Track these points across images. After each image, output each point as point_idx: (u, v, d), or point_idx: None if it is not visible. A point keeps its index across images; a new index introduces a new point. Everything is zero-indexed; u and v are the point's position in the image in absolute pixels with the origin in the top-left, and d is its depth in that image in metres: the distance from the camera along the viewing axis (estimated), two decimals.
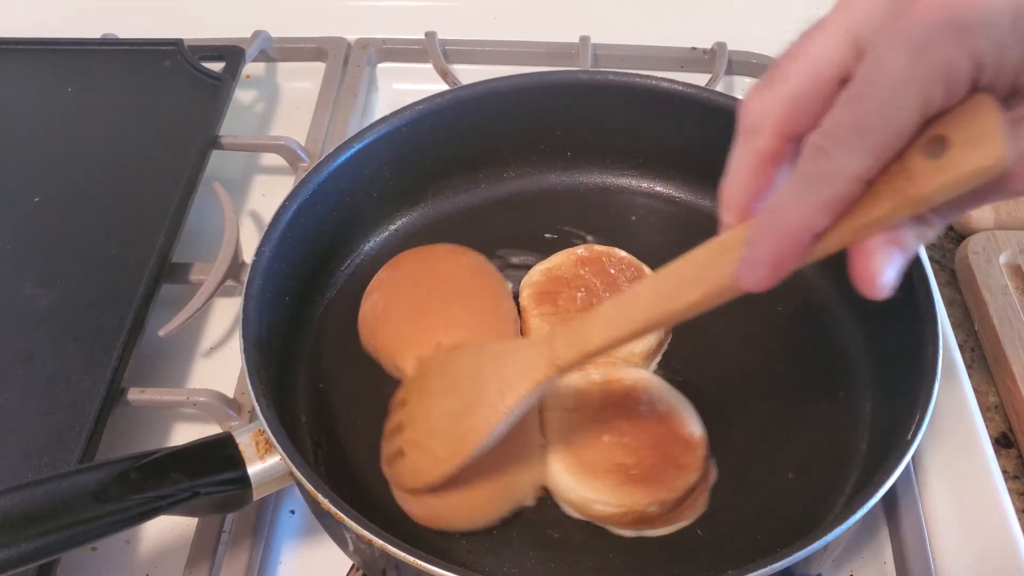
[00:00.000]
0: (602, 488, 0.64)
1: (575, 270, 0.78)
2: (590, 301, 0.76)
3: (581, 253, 0.80)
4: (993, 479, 0.71)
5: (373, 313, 0.76)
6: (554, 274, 0.78)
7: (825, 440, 0.70)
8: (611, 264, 0.79)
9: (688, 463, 0.66)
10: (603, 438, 0.67)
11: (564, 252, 0.80)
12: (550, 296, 0.76)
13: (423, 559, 0.54)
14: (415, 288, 0.76)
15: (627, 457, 0.66)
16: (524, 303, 0.77)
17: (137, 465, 0.57)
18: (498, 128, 0.87)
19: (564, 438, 0.67)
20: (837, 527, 0.55)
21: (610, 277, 0.78)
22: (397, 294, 0.76)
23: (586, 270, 0.78)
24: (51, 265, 0.80)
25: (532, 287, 0.78)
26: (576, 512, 0.66)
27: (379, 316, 0.76)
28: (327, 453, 0.71)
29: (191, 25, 1.07)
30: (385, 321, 0.75)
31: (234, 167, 0.99)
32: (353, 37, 1.10)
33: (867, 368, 0.73)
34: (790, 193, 0.46)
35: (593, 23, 1.09)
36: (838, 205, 0.44)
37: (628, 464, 0.65)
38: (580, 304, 0.75)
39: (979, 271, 0.85)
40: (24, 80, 1.00)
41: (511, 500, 0.66)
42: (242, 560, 0.66)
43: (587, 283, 0.77)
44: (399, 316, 0.75)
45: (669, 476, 0.65)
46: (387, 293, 0.77)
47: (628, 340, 0.57)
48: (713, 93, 0.84)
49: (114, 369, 0.72)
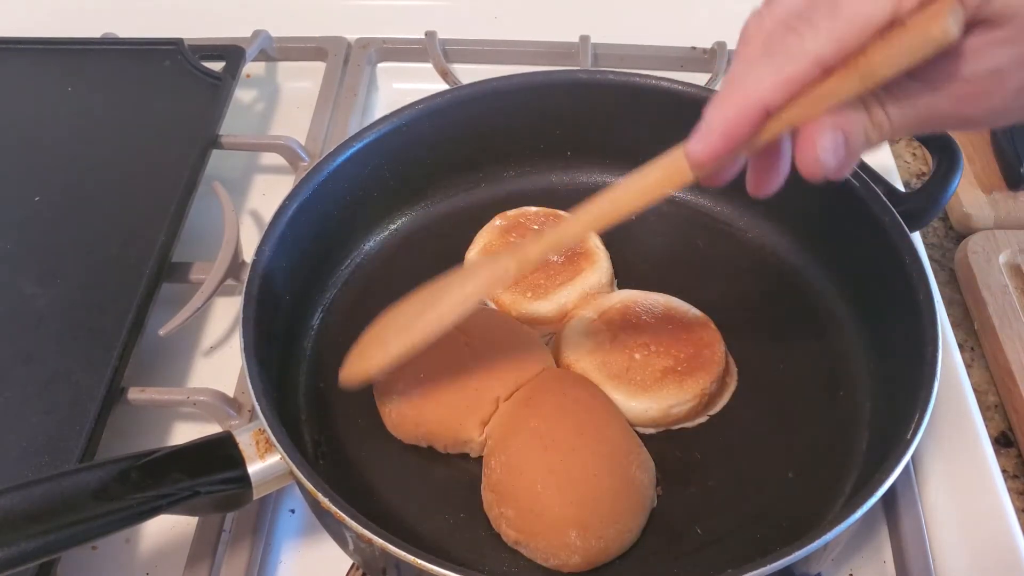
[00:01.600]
0: (668, 394, 0.70)
1: (505, 239, 0.80)
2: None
3: (500, 224, 0.82)
4: (993, 479, 0.72)
5: (410, 404, 0.69)
6: (490, 250, 0.80)
7: (825, 440, 0.70)
8: (530, 221, 0.82)
9: (711, 336, 0.73)
10: (635, 357, 0.71)
11: (484, 230, 0.82)
12: (508, 244, 0.78)
13: (423, 558, 0.54)
14: (439, 357, 0.69)
15: (666, 360, 0.71)
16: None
17: (137, 464, 0.57)
18: (498, 128, 0.87)
19: (607, 376, 0.71)
20: (837, 526, 0.55)
21: (537, 233, 0.79)
22: (421, 374, 0.69)
23: (514, 236, 0.80)
24: (51, 265, 0.80)
25: (482, 253, 0.80)
26: (657, 427, 0.71)
27: (418, 404, 0.69)
28: (327, 452, 0.71)
29: (191, 25, 1.07)
30: (427, 404, 0.69)
31: (234, 166, 0.99)
32: (353, 37, 1.11)
33: (867, 367, 0.74)
34: (751, 68, 0.48)
35: (593, 23, 1.09)
36: (795, 83, 0.47)
37: (671, 365, 0.71)
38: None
39: (979, 271, 0.85)
40: (24, 80, 1.00)
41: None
42: (242, 559, 0.66)
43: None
44: (441, 393, 0.69)
45: (706, 354, 0.72)
46: (409, 379, 0.70)
47: (601, 224, 0.60)
48: (713, 92, 0.84)
49: (114, 368, 0.72)
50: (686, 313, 0.75)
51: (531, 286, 0.78)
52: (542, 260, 0.67)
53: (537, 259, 0.63)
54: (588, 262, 0.79)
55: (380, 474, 0.69)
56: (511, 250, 0.64)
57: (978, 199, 0.92)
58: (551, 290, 0.78)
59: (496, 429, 0.67)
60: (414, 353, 0.64)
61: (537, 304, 0.77)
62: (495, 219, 0.83)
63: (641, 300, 0.76)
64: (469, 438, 0.68)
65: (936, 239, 0.93)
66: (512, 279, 0.64)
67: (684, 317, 0.75)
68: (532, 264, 0.63)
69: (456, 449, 0.70)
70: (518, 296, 0.77)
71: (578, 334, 0.74)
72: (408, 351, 0.64)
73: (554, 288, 0.78)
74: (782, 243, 0.84)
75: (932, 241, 0.93)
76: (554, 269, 0.78)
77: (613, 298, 0.77)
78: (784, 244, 0.84)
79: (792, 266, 0.82)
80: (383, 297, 0.81)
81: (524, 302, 0.77)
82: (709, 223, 0.87)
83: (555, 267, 0.78)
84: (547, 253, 0.63)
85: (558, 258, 0.79)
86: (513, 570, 0.64)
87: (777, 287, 0.81)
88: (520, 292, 0.78)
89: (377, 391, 0.72)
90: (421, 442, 0.70)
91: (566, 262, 0.79)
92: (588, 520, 0.62)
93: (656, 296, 0.77)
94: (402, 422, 0.70)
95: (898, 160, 1.00)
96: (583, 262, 0.79)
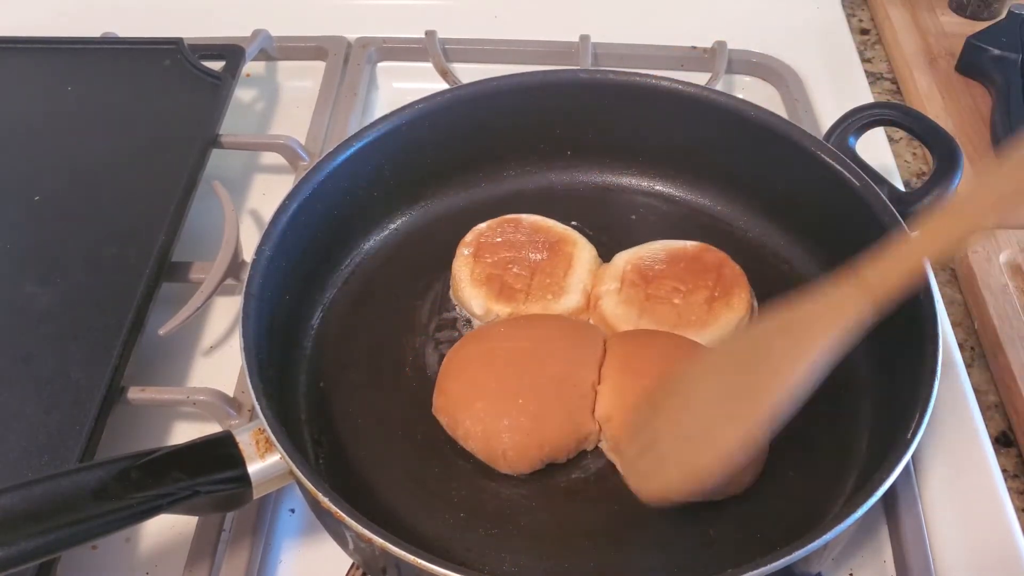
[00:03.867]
0: (725, 318, 0.74)
1: (484, 264, 0.78)
2: (527, 267, 0.78)
3: (468, 252, 0.80)
4: (993, 478, 0.72)
5: (524, 434, 0.66)
6: (480, 279, 0.78)
7: (825, 440, 0.70)
8: (494, 235, 0.80)
9: (719, 257, 0.78)
10: (676, 303, 0.75)
11: (458, 267, 0.79)
12: (496, 280, 0.77)
13: (423, 558, 0.54)
14: (515, 378, 0.68)
15: (702, 292, 0.75)
16: (488, 306, 0.77)
17: (137, 464, 0.57)
18: (498, 127, 0.87)
19: (668, 329, 0.73)
20: (837, 526, 0.55)
21: (520, 242, 0.80)
22: (516, 400, 0.67)
23: (489, 257, 0.79)
24: (51, 264, 0.80)
25: (475, 285, 0.78)
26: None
27: (532, 430, 0.67)
28: (327, 452, 0.71)
29: (191, 24, 1.07)
30: (541, 427, 0.67)
31: (234, 166, 0.99)
32: (353, 36, 1.11)
33: (867, 367, 0.73)
34: None
35: (593, 22, 1.10)
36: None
37: (708, 294, 0.75)
38: (521, 273, 0.78)
39: (979, 270, 0.85)
40: (24, 79, 1.00)
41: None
42: (242, 559, 0.66)
43: (515, 258, 0.79)
44: (545, 409, 0.67)
45: (727, 273, 0.76)
46: (501, 414, 0.68)
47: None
48: (713, 92, 0.84)
49: (114, 368, 0.72)
50: (686, 247, 0.79)
51: (543, 288, 0.77)
52: (905, 277, 0.58)
53: (898, 282, 0.57)
54: (569, 244, 0.80)
55: (380, 474, 0.69)
56: (841, 286, 0.58)
57: None
58: (563, 282, 0.77)
59: (611, 410, 0.67)
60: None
61: (563, 300, 0.77)
62: (460, 250, 0.80)
63: (643, 254, 0.79)
64: (588, 432, 0.68)
65: None
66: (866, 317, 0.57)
67: (687, 252, 0.78)
68: (892, 291, 0.57)
69: (576, 451, 0.69)
70: (540, 303, 0.76)
71: (617, 308, 0.75)
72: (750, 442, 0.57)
73: (564, 279, 0.78)
74: (782, 243, 0.84)
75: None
76: (549, 265, 0.78)
77: (618, 265, 0.78)
78: (784, 244, 0.84)
79: (792, 266, 0.82)
80: (383, 297, 0.81)
81: (551, 305, 0.76)
82: (709, 223, 0.87)
83: (547, 263, 0.78)
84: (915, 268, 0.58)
85: (542, 256, 0.79)
86: (513, 570, 0.64)
87: (777, 287, 0.81)
88: (539, 299, 0.77)
89: (473, 445, 0.68)
90: (542, 464, 0.68)
91: (551, 254, 0.79)
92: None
93: (651, 245, 0.80)
94: (523, 455, 0.67)
95: (898, 160, 1.00)
96: (565, 246, 0.80)
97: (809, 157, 0.78)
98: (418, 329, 0.78)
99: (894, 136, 1.03)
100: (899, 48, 1.12)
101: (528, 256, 0.79)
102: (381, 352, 0.77)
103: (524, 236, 0.80)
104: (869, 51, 1.17)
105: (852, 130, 0.81)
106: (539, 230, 0.81)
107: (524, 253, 0.79)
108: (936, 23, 1.15)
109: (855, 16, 1.22)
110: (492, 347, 0.72)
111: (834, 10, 1.19)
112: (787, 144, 0.80)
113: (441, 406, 0.70)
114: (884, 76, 1.13)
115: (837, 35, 1.15)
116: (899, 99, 1.09)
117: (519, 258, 0.79)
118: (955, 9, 1.17)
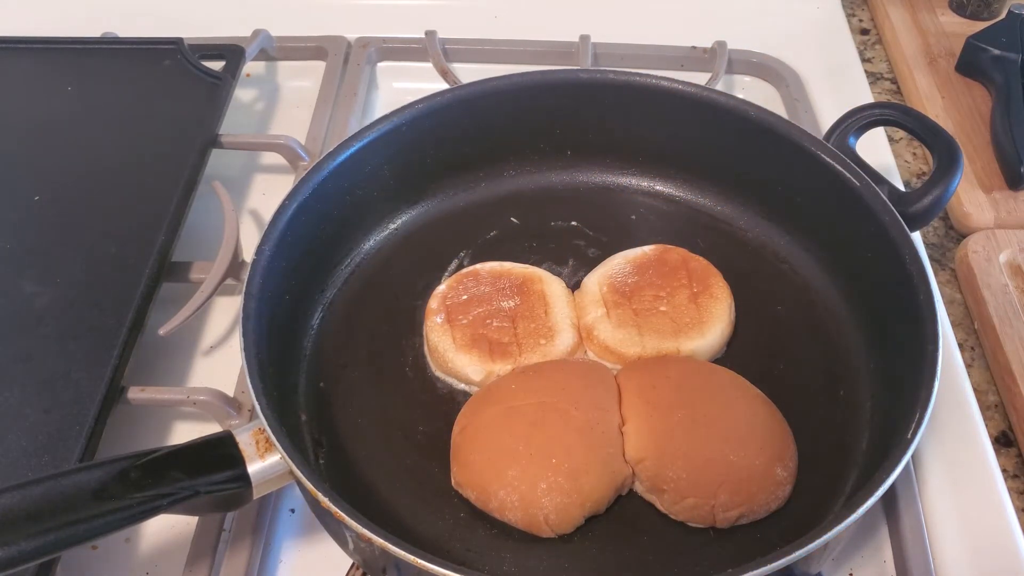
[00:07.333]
0: (714, 312, 0.75)
1: (461, 325, 0.75)
2: (506, 317, 0.75)
3: (441, 320, 0.76)
4: (993, 478, 0.72)
5: (566, 494, 0.64)
6: (464, 344, 0.74)
7: (825, 439, 0.70)
8: (461, 293, 0.77)
9: (680, 254, 0.79)
10: (663, 310, 0.75)
11: (433, 333, 0.75)
12: (482, 340, 0.74)
13: (423, 558, 0.53)
14: (546, 437, 0.65)
15: (683, 293, 0.76)
16: (487, 369, 0.73)
17: (137, 464, 0.57)
18: (498, 127, 0.87)
19: (665, 339, 0.74)
20: (837, 526, 0.55)
21: (487, 294, 0.76)
22: (549, 461, 0.64)
23: (463, 318, 0.75)
24: (51, 264, 0.80)
25: (463, 351, 0.74)
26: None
27: (573, 489, 0.64)
28: (327, 452, 0.71)
29: (191, 24, 1.07)
30: (582, 484, 0.64)
31: (234, 166, 0.99)
32: (353, 36, 1.11)
33: (867, 367, 0.74)
34: None
35: (593, 22, 1.09)
36: None
37: (689, 292, 0.76)
38: (503, 325, 0.75)
39: (979, 270, 0.85)
40: (24, 80, 1.00)
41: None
42: (242, 558, 0.66)
43: (490, 311, 0.76)
44: (580, 464, 0.64)
45: (694, 266, 0.78)
46: (539, 477, 0.64)
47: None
48: (713, 92, 0.84)
49: (114, 368, 0.72)
50: (646, 253, 0.80)
51: (532, 335, 0.74)
52: None
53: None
54: (536, 281, 0.78)
55: (380, 474, 0.69)
56: None
57: (978, 199, 0.93)
58: (548, 322, 0.75)
59: (642, 452, 0.65)
60: None
61: (558, 341, 0.74)
62: (430, 320, 0.76)
63: (611, 272, 0.78)
64: (624, 477, 0.66)
65: (936, 239, 0.93)
66: None
67: (650, 257, 0.79)
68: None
69: (614, 499, 0.66)
70: (536, 350, 0.73)
71: (616, 333, 0.74)
72: None
73: (548, 319, 0.75)
74: (782, 243, 0.84)
75: (932, 241, 0.93)
76: (525, 308, 0.76)
77: (592, 290, 0.78)
78: (784, 244, 0.84)
79: (792, 266, 0.82)
80: (383, 297, 0.81)
81: (547, 350, 0.74)
82: (709, 223, 0.87)
83: (523, 307, 0.76)
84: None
85: (514, 301, 0.76)
86: (513, 570, 0.64)
87: (777, 287, 0.81)
88: (533, 347, 0.74)
89: (512, 516, 0.64)
90: (584, 520, 0.65)
91: (522, 297, 0.76)
92: (785, 453, 0.67)
93: (611, 260, 0.80)
94: (566, 516, 0.64)
95: (898, 160, 1.00)
96: (533, 285, 0.77)
97: (809, 157, 0.78)
98: (418, 329, 0.78)
99: (894, 136, 1.03)
100: (899, 48, 1.12)
101: (501, 305, 0.76)
102: (381, 352, 0.77)
103: (488, 286, 0.77)
104: (869, 51, 1.17)
105: (852, 130, 0.81)
106: (500, 276, 0.78)
107: (496, 303, 0.76)
108: (936, 23, 1.15)
109: (855, 16, 1.22)
110: (509, 407, 0.67)
111: (834, 10, 1.19)
112: (787, 144, 0.80)
113: (466, 480, 0.66)
114: (884, 76, 1.13)
115: (837, 35, 1.15)
116: (899, 99, 1.09)
117: (493, 310, 0.75)
118: (955, 9, 1.17)
